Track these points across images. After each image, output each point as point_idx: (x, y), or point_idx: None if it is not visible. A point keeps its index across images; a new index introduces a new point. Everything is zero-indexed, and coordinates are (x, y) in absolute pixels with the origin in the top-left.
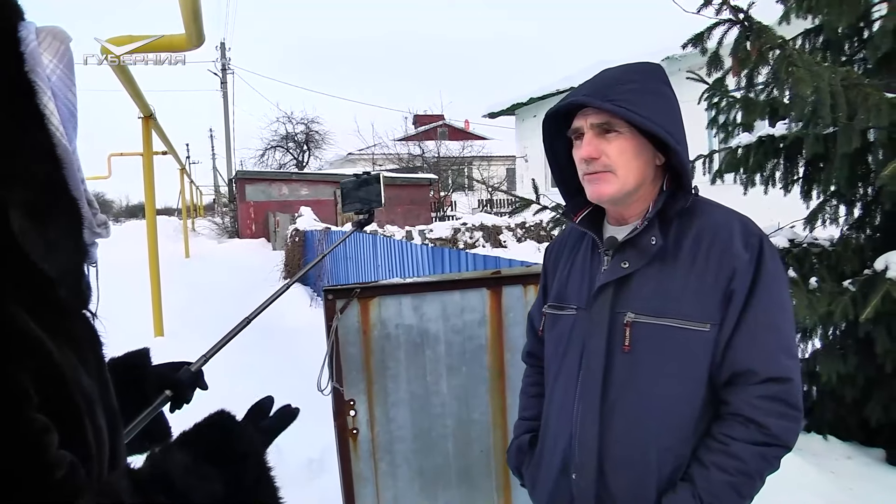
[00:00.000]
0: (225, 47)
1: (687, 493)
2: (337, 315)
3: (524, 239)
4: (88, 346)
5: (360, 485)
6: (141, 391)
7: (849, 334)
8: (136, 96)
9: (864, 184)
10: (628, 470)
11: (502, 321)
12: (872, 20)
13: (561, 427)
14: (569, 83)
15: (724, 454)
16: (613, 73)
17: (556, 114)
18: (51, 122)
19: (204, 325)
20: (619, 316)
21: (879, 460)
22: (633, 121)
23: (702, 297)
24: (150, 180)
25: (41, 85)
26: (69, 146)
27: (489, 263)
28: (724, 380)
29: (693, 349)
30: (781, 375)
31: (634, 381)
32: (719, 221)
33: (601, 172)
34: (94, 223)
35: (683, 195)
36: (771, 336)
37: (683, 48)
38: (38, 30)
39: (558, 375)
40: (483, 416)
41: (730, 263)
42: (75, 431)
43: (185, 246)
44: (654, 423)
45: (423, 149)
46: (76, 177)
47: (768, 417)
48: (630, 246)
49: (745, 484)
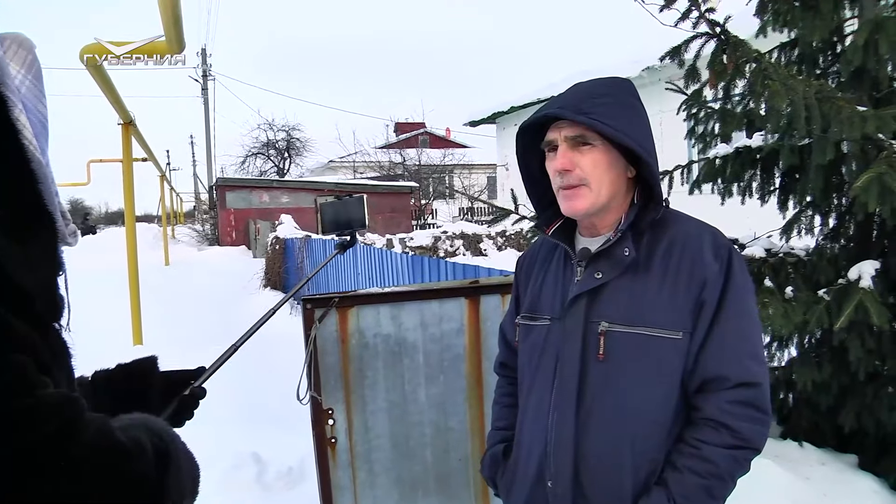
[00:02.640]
0: (206, 53)
1: (662, 497)
2: (315, 324)
3: (504, 247)
4: (59, 360)
5: (339, 493)
6: (147, 397)
7: (823, 343)
8: (115, 102)
9: (838, 194)
10: (604, 475)
11: (480, 330)
12: (845, 35)
13: (535, 436)
14: (549, 92)
15: (696, 458)
16: (586, 87)
17: (530, 127)
18: (24, 135)
19: (184, 334)
20: (594, 325)
21: (852, 466)
22: (606, 133)
23: (674, 307)
24: (129, 187)
25: (12, 98)
26: (42, 159)
27: (468, 272)
28: (696, 386)
29: (666, 357)
30: (751, 381)
31: (609, 389)
32: (690, 233)
33: (575, 187)
34: (66, 234)
35: (655, 207)
36: (740, 344)
37: (661, 60)
38: (2, 37)
39: (532, 385)
40: (461, 425)
41: (701, 274)
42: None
43: (164, 253)
44: (630, 429)
45: (404, 157)
46: (51, 190)
47: (739, 421)
48: (603, 257)
49: (717, 486)
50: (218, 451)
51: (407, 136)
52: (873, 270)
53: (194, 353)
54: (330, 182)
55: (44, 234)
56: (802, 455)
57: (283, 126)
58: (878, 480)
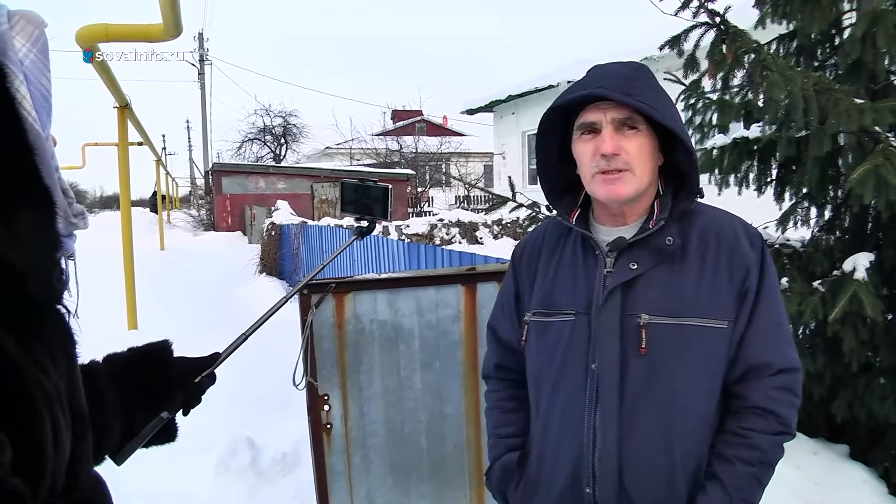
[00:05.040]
0: (203, 38)
1: (718, 491)
2: (312, 310)
3: (500, 236)
4: (59, 344)
5: (334, 479)
6: (164, 384)
7: (818, 333)
8: (111, 86)
9: (834, 186)
10: (652, 476)
11: (476, 317)
12: (843, 27)
13: (566, 439)
14: (546, 81)
15: (746, 447)
16: (620, 69)
17: (559, 107)
18: (22, 106)
19: (179, 319)
20: (631, 318)
21: (843, 456)
22: (656, 118)
23: (717, 296)
24: (125, 171)
25: (11, 69)
26: (42, 132)
27: (465, 260)
28: (739, 375)
29: (712, 347)
30: (792, 366)
31: (654, 384)
32: (721, 222)
33: (620, 171)
34: (70, 213)
35: (688, 196)
36: (779, 330)
37: (661, 50)
38: (11, 13)
39: (557, 385)
40: (456, 412)
41: (742, 262)
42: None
43: (160, 238)
44: (676, 426)
45: (400, 144)
46: (49, 164)
47: (782, 407)
48: (639, 246)
49: (765, 474)
50: (212, 436)
51: (404, 124)
52: (868, 262)
53: (190, 339)
54: (326, 168)
55: (36, 208)
56: (795, 444)
57: (279, 112)
58: (869, 470)
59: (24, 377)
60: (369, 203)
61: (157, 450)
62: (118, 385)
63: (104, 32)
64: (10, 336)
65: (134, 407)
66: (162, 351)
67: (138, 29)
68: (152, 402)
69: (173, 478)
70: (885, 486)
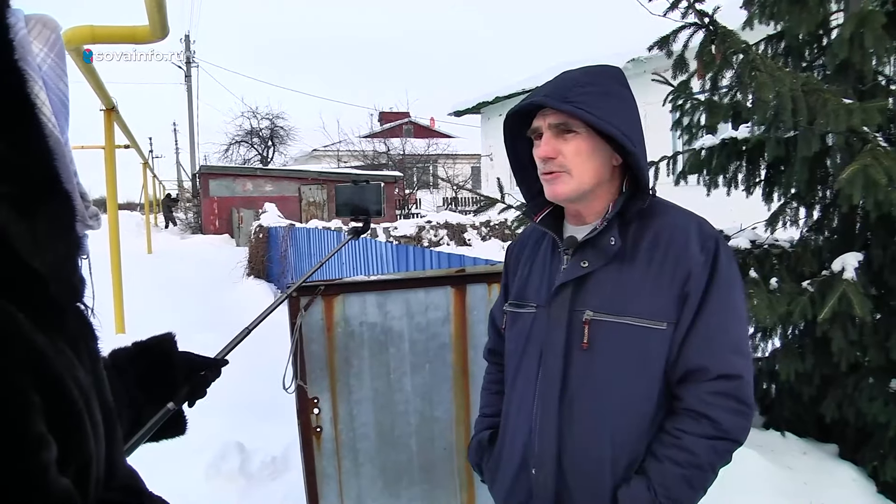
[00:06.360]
0: (189, 40)
1: (642, 486)
2: (301, 312)
3: (489, 237)
4: (82, 341)
5: (324, 483)
6: (169, 376)
7: (807, 334)
8: (97, 88)
9: (822, 187)
10: (585, 464)
11: (466, 319)
12: (831, 28)
13: (520, 422)
14: (534, 82)
15: (676, 448)
16: (573, 75)
17: (517, 114)
18: (42, 112)
19: (167, 322)
20: (578, 314)
21: (833, 455)
22: (589, 121)
23: (658, 297)
24: (111, 174)
25: (31, 74)
26: (61, 137)
27: (454, 262)
28: (678, 377)
29: (650, 347)
30: (732, 373)
31: (592, 378)
32: (676, 223)
33: (557, 172)
34: (87, 216)
35: (641, 196)
36: (723, 336)
37: (649, 50)
38: (28, 17)
39: (517, 372)
40: (446, 414)
41: (685, 265)
42: (76, 433)
43: (147, 241)
44: (612, 419)
45: (388, 146)
46: (69, 169)
47: (720, 412)
48: (589, 246)
49: (696, 476)
50: (202, 440)
51: (391, 126)
52: (856, 262)
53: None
54: (314, 171)
55: (58, 212)
56: (784, 445)
57: (266, 114)
58: (858, 469)
59: (59, 373)
60: (363, 203)
61: (146, 452)
62: (124, 378)
63: (90, 34)
64: (41, 333)
65: (140, 400)
66: (166, 344)
67: (124, 31)
68: (158, 395)
69: (163, 481)
70: (874, 485)
